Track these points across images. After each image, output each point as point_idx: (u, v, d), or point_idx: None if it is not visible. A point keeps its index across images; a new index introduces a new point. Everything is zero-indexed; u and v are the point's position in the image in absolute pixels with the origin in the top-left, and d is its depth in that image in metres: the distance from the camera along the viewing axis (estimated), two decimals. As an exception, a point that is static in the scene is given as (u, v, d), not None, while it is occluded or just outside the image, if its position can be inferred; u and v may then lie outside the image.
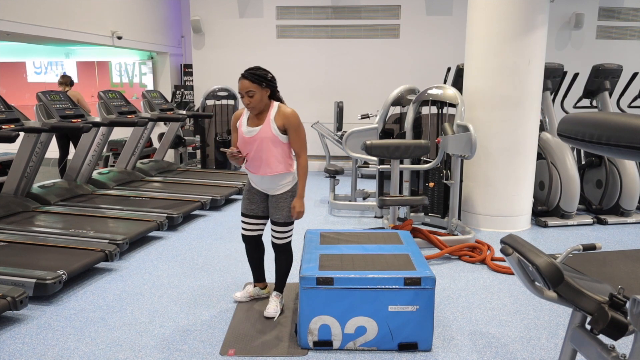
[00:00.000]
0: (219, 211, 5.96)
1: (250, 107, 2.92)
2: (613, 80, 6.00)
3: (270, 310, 3.19)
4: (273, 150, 2.96)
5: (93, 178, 6.32)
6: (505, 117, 4.99)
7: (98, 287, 3.70)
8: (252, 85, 2.86)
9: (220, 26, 8.94)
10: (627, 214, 5.53)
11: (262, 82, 2.87)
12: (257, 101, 2.89)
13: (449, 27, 8.51)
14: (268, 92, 2.93)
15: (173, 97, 9.56)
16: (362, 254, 3.08)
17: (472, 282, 3.87)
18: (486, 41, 4.97)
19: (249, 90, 2.86)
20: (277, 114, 2.94)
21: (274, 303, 3.23)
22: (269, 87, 2.92)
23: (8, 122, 4.68)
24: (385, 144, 4.53)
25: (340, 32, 8.77)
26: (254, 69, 2.92)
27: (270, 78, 2.93)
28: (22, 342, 2.90)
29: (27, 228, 4.52)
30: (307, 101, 8.95)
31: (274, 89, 2.97)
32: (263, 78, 2.88)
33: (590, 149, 1.37)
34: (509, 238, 1.74)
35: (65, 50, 10.38)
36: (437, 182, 5.21)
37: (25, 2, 6.21)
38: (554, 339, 2.99)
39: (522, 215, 5.23)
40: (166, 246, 4.65)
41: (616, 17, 8.63)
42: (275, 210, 3.09)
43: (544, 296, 1.70)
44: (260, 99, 2.90)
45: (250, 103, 2.90)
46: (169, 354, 2.78)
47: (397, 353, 2.80)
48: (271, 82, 2.92)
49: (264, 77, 2.89)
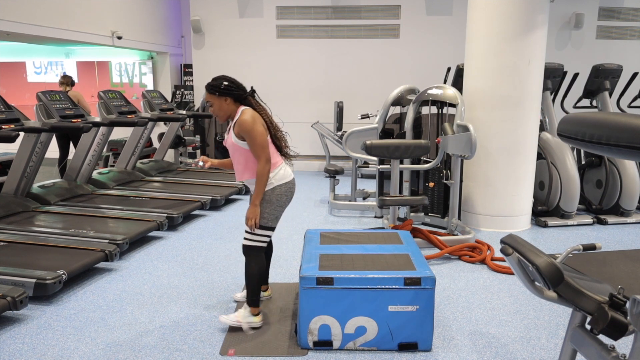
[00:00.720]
0: (219, 211, 5.96)
1: (215, 116, 3.00)
2: (613, 80, 6.00)
3: (224, 317, 3.05)
4: (237, 156, 2.98)
5: (93, 178, 6.32)
6: (505, 117, 4.99)
7: (98, 287, 3.70)
8: (209, 96, 2.93)
9: (220, 26, 8.94)
10: (627, 214, 5.53)
11: (215, 92, 2.90)
12: (217, 110, 2.94)
13: (449, 27, 8.51)
14: (227, 99, 2.91)
15: (173, 97, 9.56)
16: (362, 254, 3.08)
17: (472, 282, 3.87)
18: (486, 41, 4.97)
19: (208, 100, 2.95)
20: (236, 121, 2.90)
21: (234, 314, 3.05)
22: (226, 94, 2.90)
23: (8, 122, 4.68)
24: (385, 144, 4.53)
25: (340, 32, 8.77)
26: (214, 79, 2.95)
27: (225, 86, 2.89)
28: (22, 342, 2.90)
29: (27, 228, 4.52)
30: (307, 101, 8.95)
31: (235, 95, 2.92)
32: (216, 88, 2.89)
33: (590, 149, 1.37)
34: (509, 238, 1.74)
35: (65, 50, 10.38)
36: (437, 182, 5.21)
37: (25, 2, 6.21)
38: (554, 339, 2.99)
39: (522, 215, 5.23)
40: (166, 246, 4.65)
41: (616, 17, 8.63)
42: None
43: (544, 296, 1.70)
44: (219, 108, 2.93)
45: (212, 112, 2.97)
46: (169, 354, 2.78)
47: (397, 353, 2.80)
48: (225, 90, 2.89)
49: (217, 87, 2.89)
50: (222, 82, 2.92)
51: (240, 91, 2.94)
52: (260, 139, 2.85)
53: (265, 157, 2.86)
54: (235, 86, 2.93)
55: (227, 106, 2.93)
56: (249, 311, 3.02)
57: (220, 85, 2.90)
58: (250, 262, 2.98)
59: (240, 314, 3.03)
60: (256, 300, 3.02)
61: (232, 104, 2.93)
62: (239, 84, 2.97)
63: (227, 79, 2.95)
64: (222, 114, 2.96)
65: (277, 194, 2.95)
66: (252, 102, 2.98)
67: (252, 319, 3.02)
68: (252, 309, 3.02)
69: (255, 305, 3.02)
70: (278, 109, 10.02)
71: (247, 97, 2.97)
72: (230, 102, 2.92)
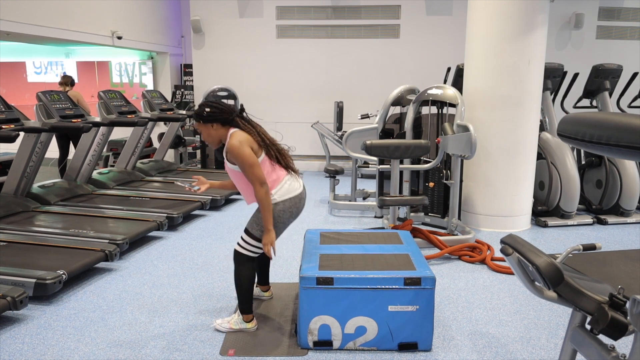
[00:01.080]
0: (219, 211, 5.96)
1: (207, 143, 2.95)
2: (613, 80, 6.00)
3: (218, 322, 3.05)
4: (238, 182, 2.93)
5: (93, 178, 6.32)
6: (505, 117, 4.99)
7: (98, 287, 3.70)
8: (196, 124, 2.89)
9: (220, 26, 8.94)
10: (627, 214, 5.52)
11: (200, 119, 2.84)
12: (206, 137, 2.89)
13: (449, 27, 8.51)
14: (214, 125, 2.83)
15: (173, 97, 9.56)
16: (362, 254, 3.08)
17: (472, 282, 3.87)
18: (486, 41, 4.97)
19: (196, 127, 2.92)
20: (226, 147, 2.81)
21: (227, 320, 3.04)
22: (211, 121, 2.82)
23: (8, 122, 4.68)
24: (385, 144, 4.53)
25: (340, 32, 8.77)
26: (199, 105, 2.89)
27: (207, 113, 2.80)
28: (22, 342, 2.90)
29: (27, 228, 4.52)
30: (307, 101, 8.95)
31: (221, 120, 2.83)
32: (200, 115, 2.83)
33: (590, 149, 1.37)
34: (509, 238, 1.74)
35: (65, 50, 10.38)
36: (437, 182, 5.21)
37: (25, 2, 6.21)
38: (554, 339, 2.99)
39: (522, 215, 5.23)
40: (166, 246, 4.65)
41: (616, 17, 8.63)
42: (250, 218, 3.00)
43: (544, 296, 1.70)
44: (208, 135, 2.87)
45: (203, 139, 2.94)
46: (169, 354, 2.78)
47: (397, 353, 2.80)
48: (209, 117, 2.81)
49: (201, 114, 2.82)
50: (205, 109, 2.82)
51: (226, 114, 2.83)
52: (249, 161, 2.73)
53: (259, 181, 2.75)
54: (218, 111, 2.82)
55: (216, 132, 2.85)
56: (241, 318, 3.00)
57: (202, 112, 2.82)
58: (240, 269, 2.92)
59: (233, 320, 3.01)
60: (247, 307, 2.98)
61: (221, 128, 2.85)
62: (223, 107, 2.85)
63: (210, 104, 2.85)
64: (211, 140, 2.88)
65: (279, 210, 2.85)
66: (240, 123, 2.86)
67: (245, 325, 2.99)
68: (244, 316, 2.99)
69: (247, 313, 2.99)
70: (278, 109, 10.06)
71: (234, 118, 2.86)
72: (217, 127, 2.84)
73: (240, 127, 2.86)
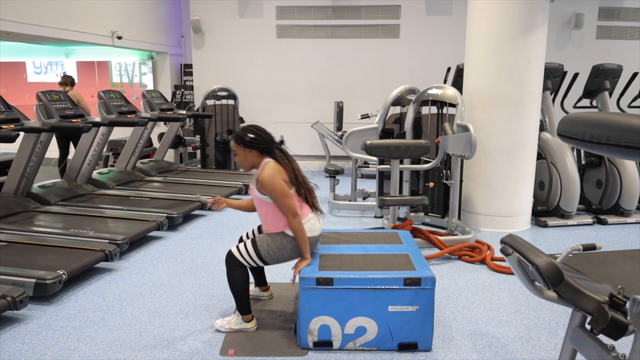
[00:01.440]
0: (219, 211, 5.96)
1: (240, 166, 2.98)
2: (613, 80, 6.00)
3: (218, 321, 3.05)
4: (260, 208, 2.95)
5: (93, 178, 6.32)
6: (505, 117, 4.99)
7: (98, 287, 3.70)
8: (234, 145, 2.90)
9: (220, 26, 8.94)
10: (627, 214, 5.52)
11: (240, 143, 2.86)
12: (241, 160, 2.92)
13: (449, 27, 8.51)
14: (252, 152, 2.86)
15: (173, 97, 9.56)
16: (362, 254, 3.07)
17: (472, 282, 3.87)
18: (486, 41, 4.97)
19: (233, 149, 2.92)
20: (258, 178, 2.83)
21: (227, 320, 3.04)
22: (251, 147, 2.85)
23: (8, 122, 4.68)
24: (385, 144, 4.53)
25: (340, 32, 8.77)
26: (242, 128, 2.92)
27: (249, 140, 2.83)
28: (22, 342, 2.90)
29: (27, 228, 4.52)
30: (307, 101, 8.95)
31: (260, 149, 2.87)
32: (241, 139, 2.85)
33: (590, 149, 1.37)
34: (509, 238, 1.74)
35: (65, 50, 10.38)
36: (437, 182, 5.21)
37: (25, 2, 6.21)
38: (554, 339, 2.99)
39: (522, 215, 5.23)
40: (166, 246, 4.65)
41: (616, 17, 8.63)
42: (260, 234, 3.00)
43: (544, 296, 1.70)
44: (244, 159, 2.90)
45: (237, 161, 2.96)
46: (169, 354, 2.78)
47: (397, 353, 2.79)
48: (250, 143, 2.84)
49: (242, 138, 2.85)
50: (248, 134, 2.85)
51: (266, 144, 2.87)
52: (282, 193, 2.77)
53: (292, 212, 2.79)
54: (260, 139, 2.86)
55: (252, 158, 2.89)
56: (240, 318, 2.99)
57: (245, 137, 2.85)
58: (231, 272, 2.90)
59: (233, 321, 3.01)
60: (246, 307, 2.97)
61: (257, 156, 2.89)
62: (266, 136, 2.88)
63: (255, 130, 2.88)
64: (246, 164, 2.92)
65: (295, 246, 2.89)
66: (278, 155, 2.91)
67: (245, 325, 2.99)
68: (243, 317, 2.99)
69: (246, 313, 2.98)
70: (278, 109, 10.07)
71: (273, 150, 2.91)
72: (255, 154, 2.88)
73: (276, 159, 2.90)
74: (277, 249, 2.88)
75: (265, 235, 2.94)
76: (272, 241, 2.89)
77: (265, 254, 2.87)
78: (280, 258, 2.91)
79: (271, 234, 2.93)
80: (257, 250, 2.87)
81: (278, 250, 2.89)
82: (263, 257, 2.88)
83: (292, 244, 2.90)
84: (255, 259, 2.88)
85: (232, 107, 8.39)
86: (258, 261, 2.89)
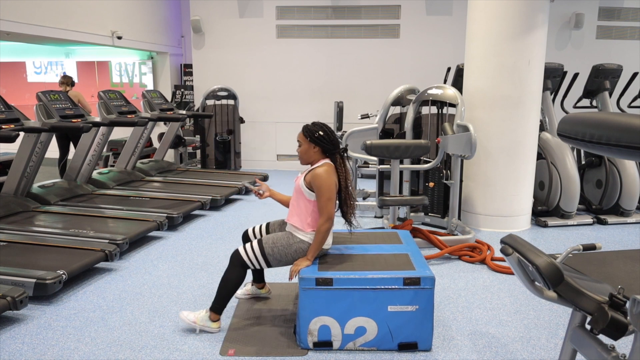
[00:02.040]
0: (219, 211, 5.96)
1: (298, 157, 3.03)
2: (613, 80, 6.00)
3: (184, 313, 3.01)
4: (296, 199, 3.00)
5: (93, 178, 6.31)
6: (505, 117, 4.99)
7: (98, 287, 3.70)
8: (301, 136, 2.97)
9: (220, 26, 8.93)
10: (627, 214, 5.52)
11: (307, 136, 2.93)
12: (303, 152, 2.98)
13: (449, 27, 8.50)
14: (316, 148, 2.94)
15: (173, 97, 9.56)
16: (362, 254, 3.07)
17: (472, 282, 3.87)
18: (486, 41, 4.97)
19: (299, 140, 2.98)
20: (312, 170, 2.90)
21: (194, 314, 3.00)
22: (317, 144, 2.92)
23: (8, 122, 4.68)
24: (385, 144, 4.52)
25: (340, 32, 8.77)
26: (313, 123, 2.99)
27: (318, 135, 2.91)
28: (22, 342, 2.90)
29: (27, 228, 4.52)
30: (307, 101, 8.95)
31: (324, 148, 2.94)
32: (311, 133, 2.93)
33: (590, 149, 1.37)
34: (509, 238, 1.74)
35: (65, 50, 10.38)
36: (437, 182, 5.21)
37: (25, 2, 6.21)
38: (554, 339, 2.99)
39: (522, 215, 5.23)
40: (166, 246, 4.65)
41: (616, 17, 8.62)
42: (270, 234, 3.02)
43: (544, 296, 1.70)
44: (306, 151, 2.96)
45: (298, 152, 3.01)
46: (169, 354, 2.78)
47: (397, 353, 2.79)
48: (319, 140, 2.91)
49: (312, 133, 2.92)
50: (319, 131, 2.93)
51: (331, 146, 2.94)
52: (329, 194, 2.84)
53: (328, 215, 2.84)
54: (328, 139, 2.93)
55: (313, 154, 2.96)
56: (208, 316, 2.97)
57: (314, 132, 2.92)
58: (232, 270, 2.92)
59: (200, 316, 2.99)
60: (221, 307, 2.97)
61: (319, 153, 2.95)
62: (333, 138, 2.95)
63: (325, 129, 2.95)
64: (305, 157, 2.99)
65: (299, 249, 2.92)
66: (338, 160, 2.97)
67: (210, 324, 2.97)
68: (212, 315, 2.97)
69: (218, 312, 2.98)
70: (278, 109, 10.06)
71: (335, 153, 2.97)
72: (318, 151, 2.95)
73: (335, 162, 2.96)
74: (282, 247, 2.90)
75: (273, 235, 2.97)
76: (277, 239, 2.93)
77: (269, 251, 2.89)
78: (283, 257, 2.92)
79: (280, 235, 2.96)
80: (262, 249, 2.90)
81: (283, 248, 2.90)
82: (266, 255, 2.90)
83: (298, 245, 2.92)
84: (260, 257, 2.90)
85: (232, 107, 8.39)
86: (262, 260, 2.91)
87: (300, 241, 2.92)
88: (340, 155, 2.99)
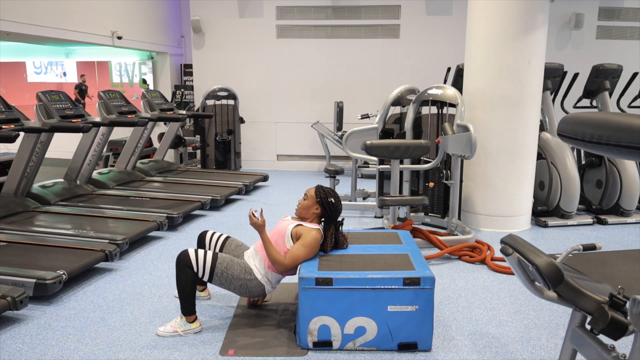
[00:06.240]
0: (219, 211, 5.96)
1: (298, 206, 3.12)
2: (613, 80, 6.00)
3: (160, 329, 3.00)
4: (274, 238, 3.03)
5: (93, 178, 6.31)
6: (505, 117, 4.99)
7: (98, 287, 3.70)
8: (311, 193, 3.08)
9: (220, 26, 8.94)
10: (627, 214, 5.52)
11: (318, 197, 3.05)
12: (305, 206, 3.08)
13: (449, 27, 8.50)
14: (318, 210, 3.05)
15: (173, 97, 9.56)
16: (362, 254, 3.07)
17: (472, 282, 3.86)
18: (486, 41, 4.97)
19: (307, 194, 3.10)
20: (304, 228, 2.98)
21: (170, 324, 3.00)
22: (322, 207, 3.04)
23: (8, 122, 4.68)
24: (385, 144, 4.52)
25: (340, 32, 8.77)
26: (330, 189, 3.10)
27: (328, 202, 3.02)
28: (22, 342, 2.90)
29: (27, 228, 4.52)
30: (307, 101, 8.95)
31: (326, 213, 3.04)
32: (323, 195, 3.04)
33: (590, 149, 1.37)
34: (509, 238, 1.74)
35: (65, 50, 10.39)
36: (437, 182, 5.21)
37: (25, 2, 6.21)
38: (554, 339, 2.99)
39: (522, 215, 5.23)
40: (166, 246, 4.65)
41: (616, 17, 8.62)
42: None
43: (544, 296, 1.70)
44: (308, 208, 3.07)
45: (300, 204, 3.11)
46: (169, 354, 2.78)
47: (397, 353, 2.79)
48: (326, 205, 3.02)
49: (324, 196, 3.04)
50: (330, 197, 3.05)
51: (332, 215, 3.06)
52: (307, 251, 2.92)
53: (287, 266, 2.91)
54: (333, 208, 3.04)
55: (312, 214, 3.07)
56: (184, 320, 2.98)
57: (327, 197, 3.04)
58: (182, 273, 2.91)
59: (176, 324, 2.98)
60: (191, 309, 2.97)
61: (316, 216, 3.08)
62: (338, 210, 3.06)
63: (336, 199, 3.06)
64: (303, 212, 3.08)
65: (246, 286, 2.97)
66: (330, 229, 3.07)
67: (190, 326, 2.98)
68: (187, 317, 2.98)
69: (190, 314, 2.98)
70: (278, 109, 10.06)
71: (331, 223, 3.08)
72: (317, 213, 3.07)
73: (326, 231, 3.07)
74: (231, 276, 2.94)
75: (230, 259, 2.98)
76: (232, 267, 2.95)
77: (218, 272, 2.92)
78: (225, 283, 2.96)
79: (235, 262, 2.98)
80: (214, 264, 2.91)
81: (232, 278, 2.95)
82: (214, 273, 2.92)
83: (246, 282, 2.97)
84: (207, 270, 2.91)
85: (232, 107, 8.39)
86: (207, 273, 2.92)
87: (252, 279, 2.96)
88: (335, 227, 3.09)
